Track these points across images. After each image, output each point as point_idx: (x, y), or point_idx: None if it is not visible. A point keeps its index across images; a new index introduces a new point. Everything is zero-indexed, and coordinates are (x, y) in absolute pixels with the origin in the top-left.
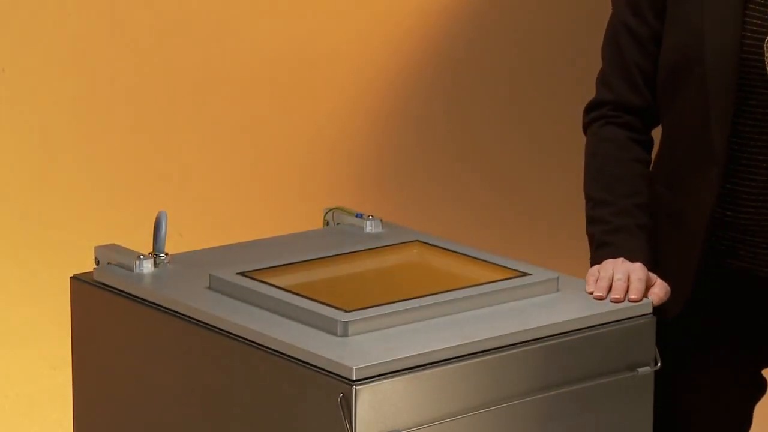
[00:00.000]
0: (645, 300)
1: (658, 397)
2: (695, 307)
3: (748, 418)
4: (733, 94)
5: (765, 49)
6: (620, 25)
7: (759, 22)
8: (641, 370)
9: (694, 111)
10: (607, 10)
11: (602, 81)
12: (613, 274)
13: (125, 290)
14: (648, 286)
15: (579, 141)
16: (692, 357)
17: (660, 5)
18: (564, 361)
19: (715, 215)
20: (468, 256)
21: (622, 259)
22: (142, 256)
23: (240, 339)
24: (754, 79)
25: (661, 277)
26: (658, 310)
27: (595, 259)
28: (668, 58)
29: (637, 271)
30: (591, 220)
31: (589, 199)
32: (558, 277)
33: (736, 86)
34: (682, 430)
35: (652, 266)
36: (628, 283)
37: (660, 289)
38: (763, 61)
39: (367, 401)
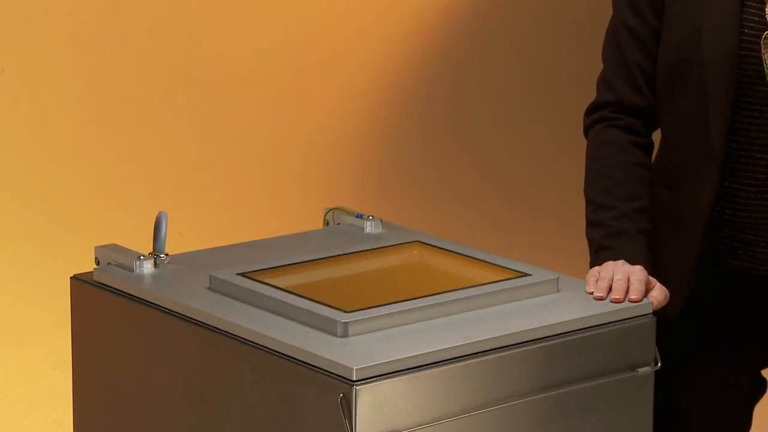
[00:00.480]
0: (645, 300)
1: (658, 397)
2: (695, 307)
3: (748, 418)
4: (731, 91)
5: (762, 45)
6: (621, 25)
7: (756, 18)
8: (641, 370)
9: (693, 109)
10: (608, 10)
11: (603, 82)
12: (613, 275)
13: (125, 290)
14: (647, 290)
15: (580, 141)
16: (692, 357)
17: (659, 4)
18: (564, 361)
19: (713, 214)
20: (468, 256)
21: (622, 261)
22: (142, 257)
23: (240, 339)
24: (752, 76)
25: (660, 277)
26: (657, 309)
27: (595, 263)
28: (667, 57)
29: (637, 272)
30: (591, 224)
31: (589, 202)
32: (558, 278)
33: (734, 83)
34: (681, 430)
35: (652, 269)
36: (628, 284)
37: (659, 293)
38: (761, 57)
39: (367, 401)
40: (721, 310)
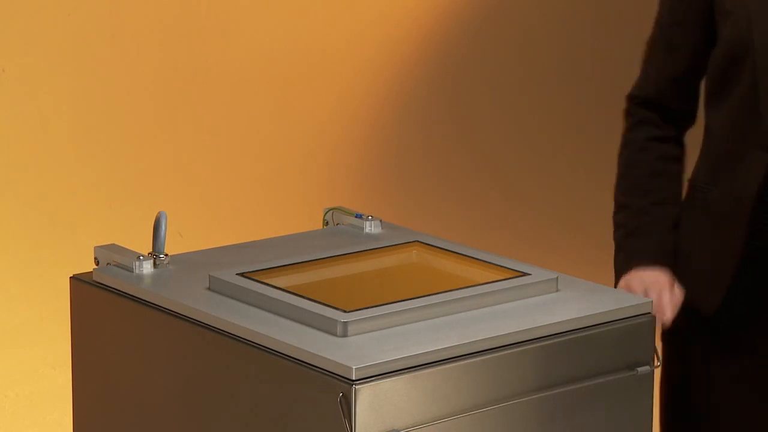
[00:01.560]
0: (645, 300)
1: (685, 392)
2: (732, 300)
3: None
4: None
5: None
6: (662, 28)
7: None
8: (641, 369)
9: (743, 100)
10: (608, 10)
11: (642, 71)
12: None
13: (125, 291)
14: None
15: (579, 141)
16: (726, 352)
17: (701, 13)
18: (563, 360)
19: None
20: (468, 256)
21: (651, 279)
22: (141, 257)
23: (240, 339)
24: None
25: (699, 274)
26: (697, 305)
27: (616, 265)
28: (720, 54)
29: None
30: (614, 226)
31: (615, 204)
32: (558, 277)
33: None
34: (711, 425)
35: (672, 258)
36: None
37: (670, 311)
38: None
39: (367, 401)
40: (757, 305)
